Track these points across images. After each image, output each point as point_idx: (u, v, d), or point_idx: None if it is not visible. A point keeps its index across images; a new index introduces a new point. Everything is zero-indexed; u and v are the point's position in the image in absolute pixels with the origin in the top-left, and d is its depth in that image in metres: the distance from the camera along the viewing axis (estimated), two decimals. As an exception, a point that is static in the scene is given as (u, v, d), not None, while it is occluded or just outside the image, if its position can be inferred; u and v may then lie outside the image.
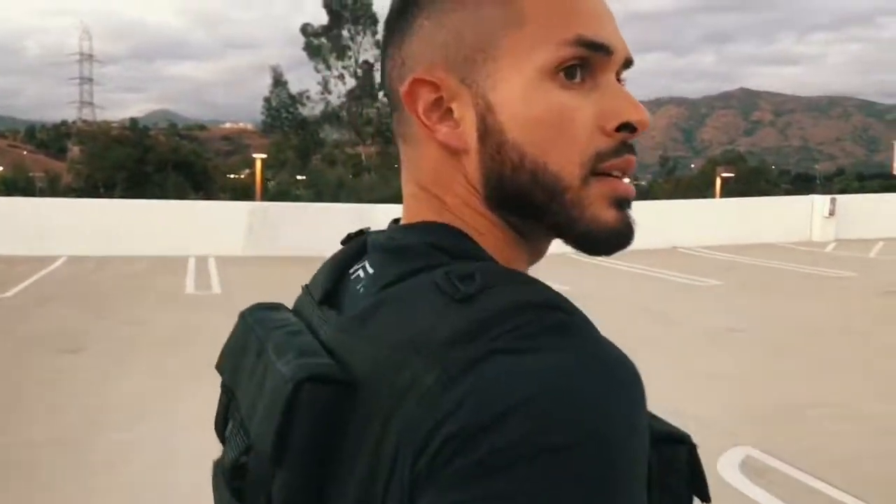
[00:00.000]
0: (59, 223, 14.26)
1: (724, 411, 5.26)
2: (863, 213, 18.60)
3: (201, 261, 13.50)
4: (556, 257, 0.68)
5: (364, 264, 0.61)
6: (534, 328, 0.47)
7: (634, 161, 0.58)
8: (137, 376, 6.14)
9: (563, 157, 0.56)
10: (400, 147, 0.64)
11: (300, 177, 41.11)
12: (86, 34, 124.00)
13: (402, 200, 0.64)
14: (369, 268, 0.60)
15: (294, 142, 41.74)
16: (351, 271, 0.63)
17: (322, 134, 42.62)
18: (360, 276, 0.60)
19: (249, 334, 0.62)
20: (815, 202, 18.60)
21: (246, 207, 16.28)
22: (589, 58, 0.56)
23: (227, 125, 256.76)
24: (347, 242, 0.69)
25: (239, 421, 0.59)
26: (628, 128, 0.57)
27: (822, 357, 6.96)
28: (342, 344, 0.53)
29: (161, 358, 6.76)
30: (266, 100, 41.52)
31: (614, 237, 0.58)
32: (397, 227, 0.63)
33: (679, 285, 11.40)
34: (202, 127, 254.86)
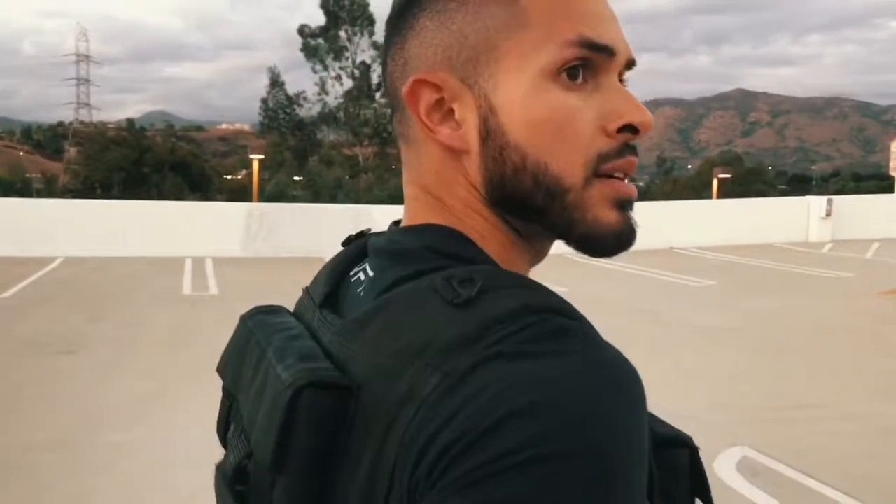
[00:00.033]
0: (57, 224, 14.23)
1: (720, 411, 5.26)
2: (859, 214, 18.62)
3: (198, 262, 13.48)
4: (552, 258, 0.68)
5: (364, 267, 0.61)
6: (534, 333, 0.47)
7: (636, 162, 0.58)
8: (135, 377, 6.13)
9: (565, 159, 0.56)
10: (401, 148, 0.63)
11: (297, 178, 41.06)
12: (82, 35, 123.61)
13: (400, 201, 0.63)
14: (369, 271, 0.60)
15: (291, 143, 41.68)
16: (351, 274, 0.63)
17: (319, 135, 42.55)
18: (361, 279, 0.60)
19: (250, 338, 0.62)
20: (812, 203, 18.61)
21: (243, 208, 16.22)
22: (591, 59, 0.56)
23: (224, 126, 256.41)
24: (348, 244, 0.68)
25: (240, 425, 0.59)
26: (630, 129, 0.57)
27: (819, 357, 6.96)
28: (342, 349, 0.53)
29: (158, 359, 6.75)
30: (263, 101, 41.47)
31: (616, 238, 0.58)
32: (397, 230, 0.62)
33: (675, 285, 11.40)
34: (199, 128, 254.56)
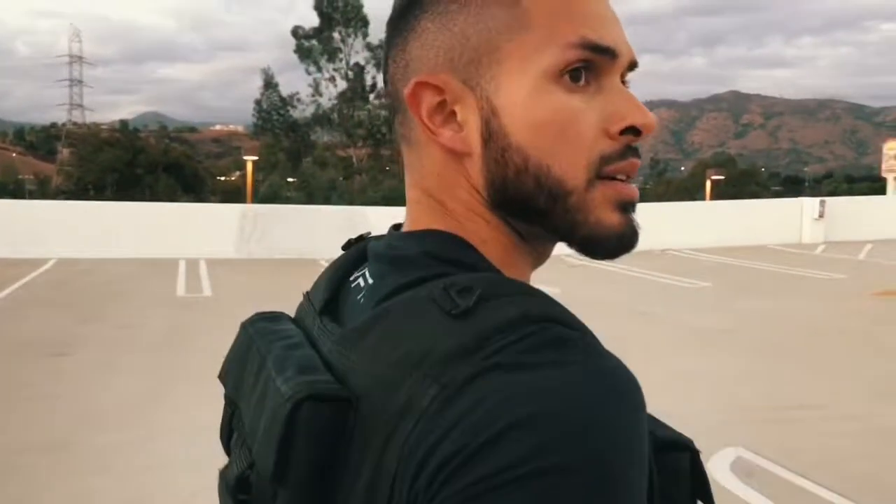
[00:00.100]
0: (50, 225, 14.20)
1: (715, 412, 5.27)
2: (852, 216, 18.71)
3: (192, 263, 13.45)
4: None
5: (364, 273, 0.61)
6: (533, 343, 0.46)
7: (639, 164, 0.58)
8: (127, 379, 6.11)
9: (568, 161, 0.55)
10: (402, 150, 0.63)
11: (291, 179, 40.99)
12: (76, 36, 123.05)
13: (394, 202, 0.63)
14: (369, 277, 0.59)
15: (285, 144, 41.57)
16: (351, 279, 0.63)
17: (313, 136, 42.44)
18: (361, 286, 0.60)
19: (251, 345, 0.62)
20: (805, 204, 18.68)
21: (237, 210, 16.21)
22: (594, 60, 0.56)
23: (218, 127, 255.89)
24: (348, 248, 0.68)
25: (243, 434, 0.58)
26: (633, 131, 0.57)
27: (813, 358, 6.99)
28: (342, 358, 0.52)
29: (151, 361, 6.73)
30: (257, 102, 41.34)
31: (618, 241, 0.58)
32: (398, 235, 0.62)
33: (669, 287, 11.42)
34: (193, 129, 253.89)
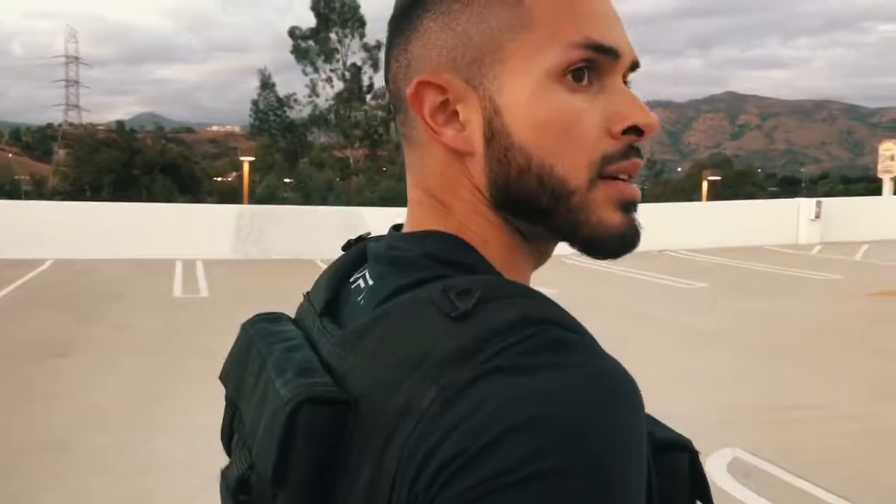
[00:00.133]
0: (47, 226, 14.17)
1: (712, 412, 5.28)
2: (848, 216, 18.75)
3: (189, 264, 13.44)
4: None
5: (364, 274, 0.61)
6: (532, 345, 0.46)
7: (641, 164, 0.58)
8: (126, 379, 6.10)
9: (570, 160, 0.56)
10: (404, 149, 0.63)
11: (288, 180, 40.94)
12: (72, 36, 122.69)
13: (391, 203, 0.63)
14: (369, 279, 0.59)
15: (282, 145, 41.53)
16: (351, 280, 0.63)
17: (310, 137, 42.40)
18: (361, 287, 0.60)
19: (251, 347, 0.62)
20: (801, 205, 18.73)
21: (234, 210, 16.20)
22: (597, 60, 0.56)
23: (215, 128, 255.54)
24: (348, 249, 0.68)
25: (243, 435, 0.58)
26: (635, 131, 0.57)
27: (809, 358, 7.00)
28: (341, 360, 0.52)
29: (149, 361, 6.73)
30: (254, 102, 41.28)
31: (620, 240, 0.58)
32: (397, 236, 0.62)
33: (666, 288, 11.44)
34: (189, 130, 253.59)
